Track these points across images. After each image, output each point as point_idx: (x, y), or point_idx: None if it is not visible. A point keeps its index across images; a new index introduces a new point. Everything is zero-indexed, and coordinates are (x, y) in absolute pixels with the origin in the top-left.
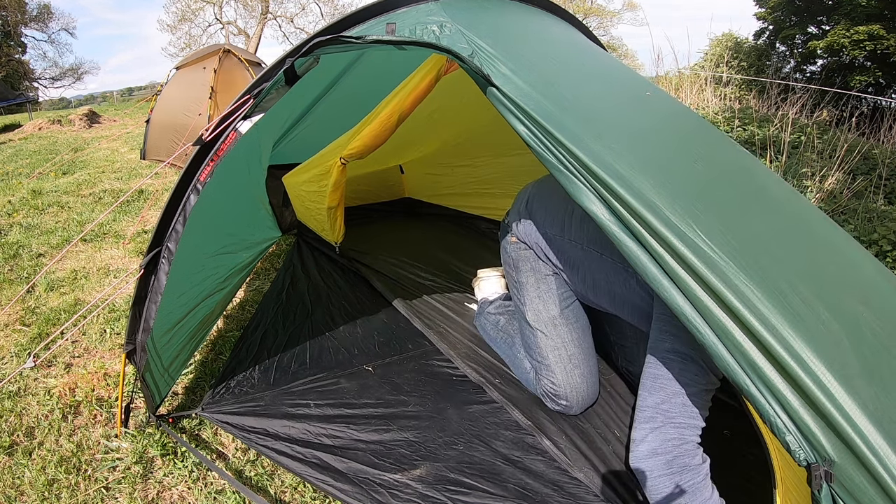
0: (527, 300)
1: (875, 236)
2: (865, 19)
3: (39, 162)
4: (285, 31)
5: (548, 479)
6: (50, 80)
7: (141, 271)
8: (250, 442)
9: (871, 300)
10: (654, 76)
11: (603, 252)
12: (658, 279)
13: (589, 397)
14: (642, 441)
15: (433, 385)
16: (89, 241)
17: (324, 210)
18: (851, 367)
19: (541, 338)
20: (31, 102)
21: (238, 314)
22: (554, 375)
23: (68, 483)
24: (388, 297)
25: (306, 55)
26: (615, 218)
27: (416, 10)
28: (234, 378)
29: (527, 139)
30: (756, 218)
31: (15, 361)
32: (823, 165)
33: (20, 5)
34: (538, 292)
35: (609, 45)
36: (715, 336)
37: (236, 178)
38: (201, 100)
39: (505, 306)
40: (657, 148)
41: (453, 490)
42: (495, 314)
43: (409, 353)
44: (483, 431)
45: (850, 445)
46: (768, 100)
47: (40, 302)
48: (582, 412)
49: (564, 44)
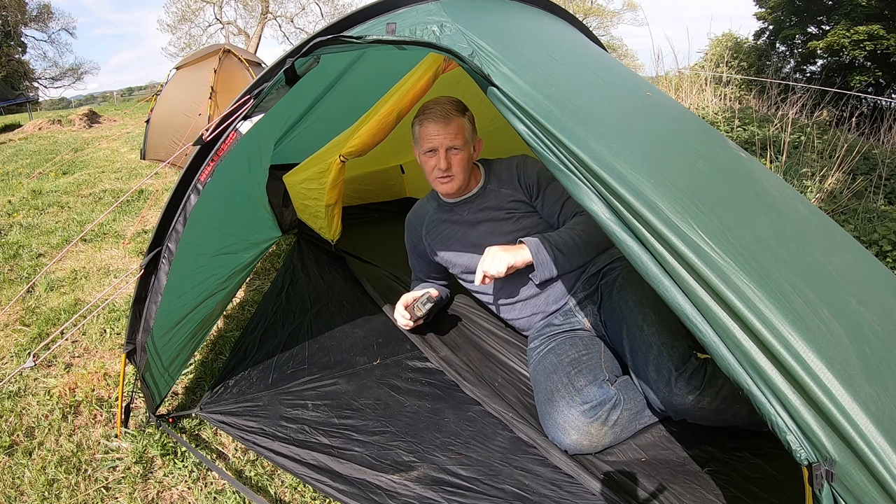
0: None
1: (875, 236)
2: (865, 19)
3: (39, 162)
4: (285, 31)
5: (546, 479)
6: (50, 80)
7: (141, 271)
8: (248, 442)
9: (871, 300)
10: (654, 76)
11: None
12: (659, 278)
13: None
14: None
15: (431, 386)
16: (89, 241)
17: (322, 207)
18: (852, 366)
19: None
20: (31, 102)
21: (238, 314)
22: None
23: (68, 483)
24: (380, 303)
25: (307, 55)
26: (616, 217)
27: (416, 10)
28: (232, 378)
29: (527, 139)
30: (756, 218)
31: (15, 361)
32: (823, 165)
33: (20, 5)
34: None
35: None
36: (716, 335)
37: (237, 178)
38: (201, 100)
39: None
40: (657, 147)
41: (450, 491)
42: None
43: (407, 353)
44: (480, 432)
45: (851, 445)
46: (768, 100)
47: (40, 302)
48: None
49: (564, 44)
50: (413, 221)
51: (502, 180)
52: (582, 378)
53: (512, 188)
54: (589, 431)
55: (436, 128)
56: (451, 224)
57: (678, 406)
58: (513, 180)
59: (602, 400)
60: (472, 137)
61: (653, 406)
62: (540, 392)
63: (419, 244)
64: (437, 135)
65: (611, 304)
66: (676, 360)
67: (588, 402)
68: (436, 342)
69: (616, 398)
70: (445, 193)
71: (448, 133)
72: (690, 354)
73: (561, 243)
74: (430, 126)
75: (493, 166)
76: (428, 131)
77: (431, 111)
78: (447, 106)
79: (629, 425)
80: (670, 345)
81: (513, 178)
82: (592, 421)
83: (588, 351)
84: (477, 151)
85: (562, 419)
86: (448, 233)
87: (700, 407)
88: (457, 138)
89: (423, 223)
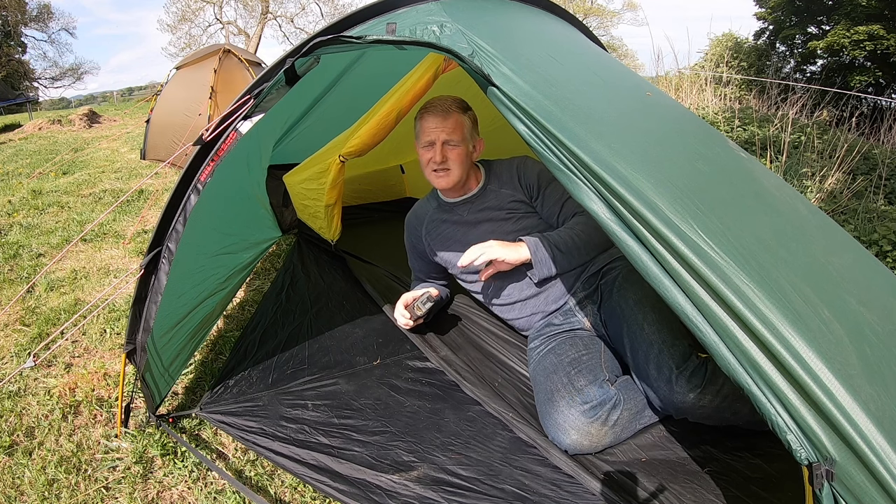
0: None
1: (875, 236)
2: (865, 19)
3: (39, 162)
4: (285, 31)
5: (546, 479)
6: (50, 80)
7: (141, 271)
8: (248, 442)
9: (871, 300)
10: (654, 76)
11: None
12: (659, 278)
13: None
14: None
15: (431, 386)
16: (89, 241)
17: (322, 207)
18: (852, 366)
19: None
20: (31, 102)
21: (238, 314)
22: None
23: (68, 483)
24: (380, 303)
25: (307, 55)
26: (616, 217)
27: (416, 10)
28: (232, 378)
29: (527, 139)
30: (756, 217)
31: (15, 361)
32: (823, 165)
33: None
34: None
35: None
36: (716, 335)
37: (237, 178)
38: (201, 100)
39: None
40: (658, 147)
41: (450, 491)
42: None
43: (407, 353)
44: (480, 432)
45: (852, 445)
46: (768, 100)
47: (40, 302)
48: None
49: (564, 44)
50: (413, 221)
51: (503, 181)
52: (582, 378)
53: (512, 188)
54: (589, 431)
55: (434, 121)
56: (451, 224)
57: (679, 404)
58: (513, 181)
59: (602, 400)
60: (471, 135)
61: (653, 405)
62: (540, 392)
63: (419, 244)
64: (435, 128)
65: (611, 304)
66: (677, 358)
67: (588, 401)
68: (436, 342)
69: (616, 398)
70: (441, 189)
71: (445, 127)
72: (691, 353)
73: (560, 242)
74: (428, 119)
75: (493, 167)
76: (426, 124)
77: (433, 106)
78: (449, 102)
79: (629, 425)
80: (671, 343)
81: (513, 178)
82: (593, 421)
83: (588, 351)
84: (477, 151)
85: (562, 419)
86: (448, 233)
87: (701, 405)
88: (454, 133)
89: (423, 223)
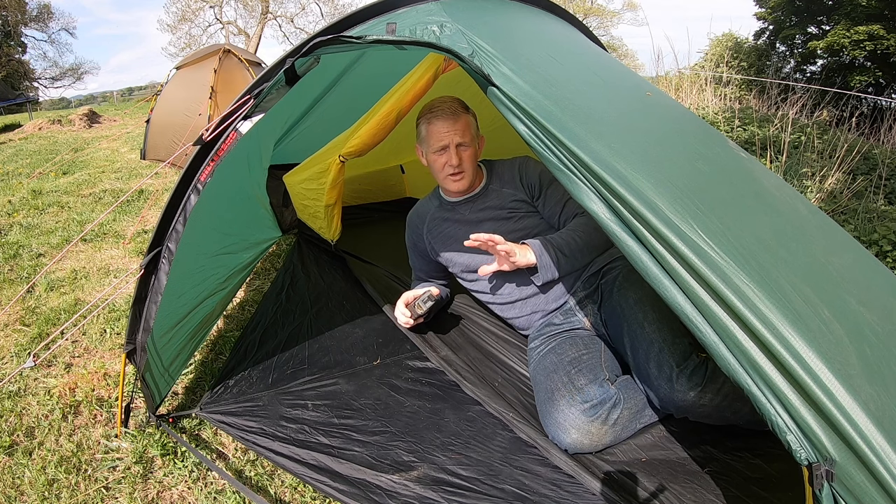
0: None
1: (875, 236)
2: (865, 19)
3: (39, 162)
4: (285, 31)
5: (546, 479)
6: (50, 80)
7: (141, 271)
8: (248, 442)
9: (871, 300)
10: (654, 76)
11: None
12: (659, 278)
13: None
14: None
15: (431, 386)
16: (89, 241)
17: (322, 207)
18: (852, 366)
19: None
20: (31, 102)
21: (238, 314)
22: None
23: (68, 483)
24: (380, 303)
25: (307, 55)
26: (616, 217)
27: (416, 10)
28: (232, 378)
29: (527, 139)
30: (756, 218)
31: (15, 361)
32: (823, 165)
33: (20, 5)
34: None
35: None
36: (716, 335)
37: (237, 178)
38: (201, 100)
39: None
40: (657, 147)
41: (450, 491)
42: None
43: (407, 353)
44: (480, 432)
45: (851, 445)
46: (768, 100)
47: (40, 302)
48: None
49: (564, 44)
50: (414, 220)
51: (504, 180)
52: (582, 377)
53: (514, 188)
54: (589, 430)
55: (445, 125)
56: (453, 223)
57: (680, 403)
58: (515, 180)
59: (602, 399)
60: (476, 135)
61: (654, 404)
62: (540, 391)
63: (420, 242)
64: (448, 131)
65: (611, 303)
66: (678, 357)
67: (588, 401)
68: (436, 342)
69: (616, 397)
70: (457, 191)
71: (457, 129)
72: (691, 351)
73: (563, 245)
74: (439, 124)
75: (494, 166)
76: (438, 129)
77: (439, 109)
78: (453, 104)
79: (629, 424)
80: (671, 342)
81: (515, 178)
82: (593, 420)
83: (588, 350)
84: (480, 150)
85: (562, 418)
86: (449, 231)
87: (702, 404)
88: (465, 135)
89: (425, 222)
